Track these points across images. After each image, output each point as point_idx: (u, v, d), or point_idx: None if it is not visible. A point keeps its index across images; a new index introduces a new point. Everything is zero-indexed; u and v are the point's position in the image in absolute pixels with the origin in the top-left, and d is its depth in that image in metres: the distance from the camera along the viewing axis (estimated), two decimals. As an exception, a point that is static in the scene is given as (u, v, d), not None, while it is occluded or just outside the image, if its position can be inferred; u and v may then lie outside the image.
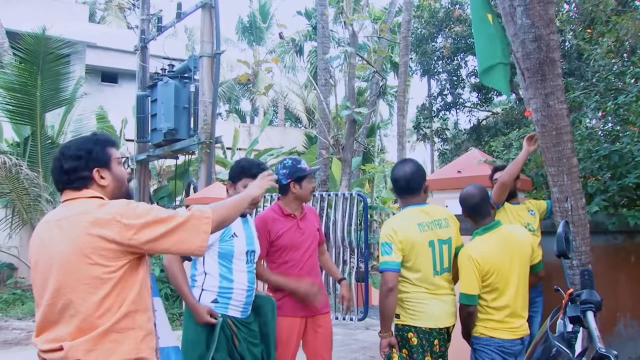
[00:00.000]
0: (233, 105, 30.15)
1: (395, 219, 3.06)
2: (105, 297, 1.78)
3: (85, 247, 1.78)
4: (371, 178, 19.05)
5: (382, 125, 25.93)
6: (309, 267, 3.35)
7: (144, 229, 1.82)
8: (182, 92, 9.23)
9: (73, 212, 1.85)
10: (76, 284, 1.77)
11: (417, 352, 2.90)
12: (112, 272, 1.80)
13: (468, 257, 2.95)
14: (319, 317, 3.38)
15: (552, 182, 3.52)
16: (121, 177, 2.02)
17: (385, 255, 2.90)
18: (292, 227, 3.34)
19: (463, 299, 2.96)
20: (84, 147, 1.95)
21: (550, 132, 3.43)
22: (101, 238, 1.78)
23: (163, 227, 1.84)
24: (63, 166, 1.93)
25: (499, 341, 2.91)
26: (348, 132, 11.29)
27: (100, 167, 1.96)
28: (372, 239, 14.07)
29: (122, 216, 1.80)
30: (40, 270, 1.87)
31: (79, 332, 1.76)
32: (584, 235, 3.45)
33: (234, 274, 2.89)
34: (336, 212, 7.14)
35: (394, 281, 2.87)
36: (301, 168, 3.36)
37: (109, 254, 1.80)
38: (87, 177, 1.94)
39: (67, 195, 1.94)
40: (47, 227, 1.89)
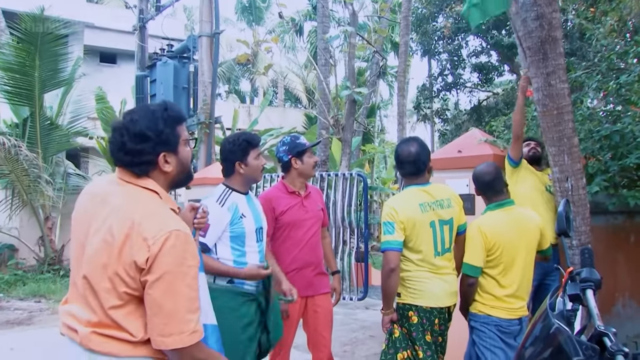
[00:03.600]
0: (232, 86, 29.96)
1: (396, 198, 3.05)
2: (132, 312, 1.63)
3: (118, 257, 1.60)
4: (371, 158, 18.99)
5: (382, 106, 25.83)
6: (311, 246, 3.36)
7: (155, 283, 1.59)
8: (181, 72, 9.18)
9: (123, 206, 1.67)
10: (103, 282, 1.62)
11: (416, 330, 2.92)
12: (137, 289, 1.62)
13: (477, 229, 2.98)
14: (319, 296, 3.40)
15: (553, 161, 3.51)
16: (186, 161, 1.82)
17: (388, 235, 2.89)
18: (296, 204, 3.34)
19: (466, 269, 2.97)
20: (154, 128, 1.71)
21: (551, 112, 3.41)
22: (133, 257, 1.60)
23: (169, 301, 1.58)
24: (126, 144, 1.70)
25: (496, 320, 2.93)
26: (348, 113, 11.23)
27: (168, 151, 1.75)
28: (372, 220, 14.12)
29: (151, 263, 1.58)
30: (78, 241, 1.74)
31: (98, 324, 1.64)
32: (584, 215, 3.46)
33: (247, 256, 2.87)
34: (336, 193, 7.15)
35: (396, 261, 2.87)
36: (300, 143, 3.35)
37: (134, 274, 1.61)
38: (151, 162, 1.73)
39: (123, 175, 1.75)
40: (95, 202, 1.73)
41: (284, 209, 3.29)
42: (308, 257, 3.33)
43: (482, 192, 3.15)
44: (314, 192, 3.53)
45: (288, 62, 27.22)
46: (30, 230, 10.54)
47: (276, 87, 27.94)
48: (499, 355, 2.89)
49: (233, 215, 2.82)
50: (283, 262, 3.29)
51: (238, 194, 2.93)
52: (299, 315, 3.36)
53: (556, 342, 1.93)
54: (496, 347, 2.91)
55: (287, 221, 3.29)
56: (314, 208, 3.44)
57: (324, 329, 3.40)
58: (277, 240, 3.32)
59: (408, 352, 2.92)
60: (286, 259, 3.30)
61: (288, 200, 3.33)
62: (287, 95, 28.61)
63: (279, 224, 3.30)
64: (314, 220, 3.40)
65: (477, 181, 3.14)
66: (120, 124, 1.74)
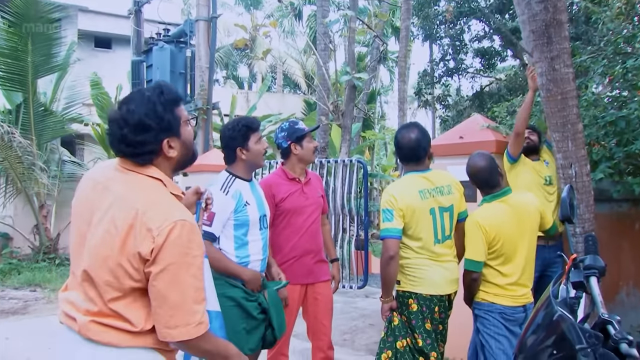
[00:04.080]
0: (230, 72, 29.82)
1: (396, 185, 3.04)
2: (133, 303, 1.62)
3: (122, 248, 1.59)
4: (371, 145, 18.98)
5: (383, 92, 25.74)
6: (311, 234, 3.36)
7: (159, 275, 1.57)
8: (178, 57, 9.10)
9: (126, 195, 1.64)
10: (105, 275, 1.60)
11: (416, 318, 2.92)
12: (136, 281, 1.61)
13: (475, 224, 2.96)
14: (319, 284, 3.41)
15: (557, 148, 3.50)
16: (190, 143, 1.78)
17: (387, 222, 2.89)
18: (296, 191, 3.33)
19: (468, 265, 2.97)
20: (153, 114, 1.66)
21: (555, 97, 3.39)
22: (137, 248, 1.58)
23: (162, 295, 1.58)
24: (126, 136, 1.65)
25: (500, 307, 2.94)
26: (348, 98, 11.17)
27: (171, 136, 1.71)
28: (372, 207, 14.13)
29: (156, 254, 1.56)
30: (78, 230, 1.71)
31: (97, 313, 1.62)
32: (588, 203, 3.45)
33: (249, 246, 2.88)
34: (336, 179, 7.14)
35: (396, 248, 2.87)
36: (299, 128, 3.35)
37: (138, 265, 1.60)
38: (155, 150, 1.69)
39: (126, 164, 1.71)
40: (97, 189, 1.70)
41: (284, 195, 3.28)
42: (308, 245, 3.33)
43: (478, 187, 3.15)
44: (314, 179, 3.53)
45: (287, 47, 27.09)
46: (24, 219, 10.52)
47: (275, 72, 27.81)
48: (503, 343, 2.90)
49: (237, 203, 2.82)
50: (283, 250, 3.30)
51: (241, 181, 2.93)
52: (299, 303, 3.37)
53: (559, 329, 1.93)
54: (500, 334, 2.92)
55: (288, 208, 3.29)
56: (314, 195, 3.43)
57: (324, 317, 3.41)
58: (277, 228, 3.32)
59: (407, 340, 2.93)
60: (286, 247, 3.30)
61: (288, 186, 3.32)
62: (285, 80, 28.48)
63: (279, 210, 3.29)
64: (315, 207, 3.40)
65: (473, 177, 3.12)
66: (118, 115, 1.69)
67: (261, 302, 2.88)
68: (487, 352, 2.94)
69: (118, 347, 1.62)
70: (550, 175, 4.01)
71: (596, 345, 1.76)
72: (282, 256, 3.30)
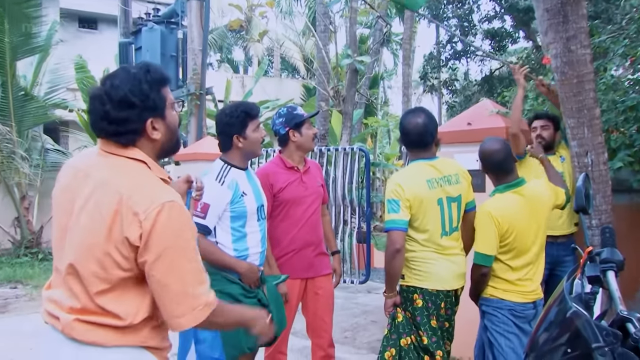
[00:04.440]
0: (225, 55, 29.69)
1: (402, 174, 3.02)
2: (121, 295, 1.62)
3: (108, 236, 1.58)
4: (374, 132, 18.94)
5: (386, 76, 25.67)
6: (311, 225, 3.35)
7: (155, 264, 1.58)
8: (169, 39, 9.06)
9: (109, 180, 1.64)
10: (91, 265, 1.60)
11: (421, 314, 2.92)
12: (126, 271, 1.61)
13: (488, 215, 2.93)
14: (320, 278, 3.41)
15: (571, 135, 3.48)
16: (175, 127, 1.79)
17: (392, 213, 2.86)
18: (295, 180, 3.33)
19: (479, 258, 2.95)
20: (138, 92, 1.67)
21: (571, 80, 3.37)
22: (124, 234, 1.58)
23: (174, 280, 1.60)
24: (109, 113, 1.65)
25: (510, 304, 2.94)
26: (349, 83, 11.17)
27: (155, 117, 1.71)
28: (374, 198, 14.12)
29: (146, 240, 1.57)
30: (59, 223, 1.71)
31: (81, 310, 1.61)
32: (605, 193, 3.43)
33: (247, 238, 2.87)
34: (336, 169, 7.12)
35: (402, 241, 2.86)
36: (298, 114, 3.34)
37: (128, 253, 1.60)
38: (138, 130, 1.69)
39: (107, 147, 1.71)
40: (78, 177, 1.70)
41: (283, 185, 3.28)
42: (308, 237, 3.33)
43: (491, 173, 3.10)
44: (313, 167, 3.52)
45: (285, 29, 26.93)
46: (4, 211, 10.45)
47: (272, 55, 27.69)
48: (513, 341, 2.90)
49: (234, 194, 2.81)
50: (281, 242, 3.30)
51: (237, 170, 2.91)
52: (298, 298, 3.37)
53: (573, 327, 1.92)
54: (510, 332, 2.92)
55: (286, 198, 3.28)
56: (314, 184, 3.43)
57: (324, 313, 3.42)
58: (275, 219, 3.31)
59: (412, 338, 2.92)
60: (285, 239, 3.30)
61: (287, 176, 3.31)
62: (283, 64, 28.38)
63: (277, 201, 3.29)
64: (314, 197, 3.40)
65: (485, 161, 3.08)
66: (100, 90, 1.69)
67: (260, 298, 2.88)
68: (497, 350, 2.93)
69: (104, 347, 1.61)
70: (563, 172, 3.97)
71: (614, 344, 1.74)
72: (281, 249, 3.29)
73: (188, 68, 8.85)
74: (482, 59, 14.43)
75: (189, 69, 8.81)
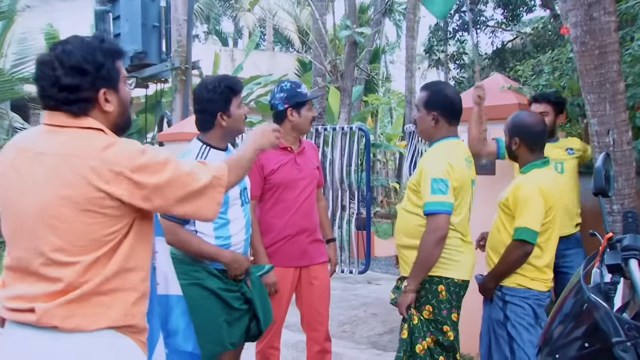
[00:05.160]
0: (212, 26, 29.56)
1: (446, 151, 2.98)
2: (97, 260, 1.69)
3: (84, 202, 1.65)
4: (374, 111, 18.89)
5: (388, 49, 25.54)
6: (305, 210, 3.34)
7: (158, 191, 1.72)
8: (151, 8, 8.98)
9: (66, 151, 1.68)
10: (64, 244, 1.66)
11: (445, 308, 2.89)
12: (113, 233, 1.71)
13: (537, 188, 2.92)
14: (315, 267, 3.40)
15: (591, 112, 3.45)
16: (127, 103, 1.87)
17: (440, 195, 2.83)
18: (288, 162, 3.31)
19: (526, 234, 2.89)
20: (92, 60, 1.73)
21: (592, 52, 3.32)
22: (105, 194, 1.66)
23: (180, 190, 1.76)
24: (60, 79, 1.70)
25: (537, 294, 2.94)
26: (348, 57, 11.11)
27: (109, 87, 1.78)
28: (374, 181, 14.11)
29: (133, 171, 1.68)
30: (11, 210, 1.74)
31: (56, 292, 1.66)
32: (628, 176, 3.41)
33: (230, 225, 2.85)
34: (334, 150, 7.10)
35: (447, 227, 2.85)
36: (301, 93, 3.31)
37: (114, 212, 1.69)
38: (90, 99, 1.74)
39: (57, 119, 1.73)
40: (24, 158, 1.72)
41: (275, 167, 3.26)
42: (302, 222, 3.32)
43: (529, 147, 3.05)
44: (309, 148, 3.51)
45: (278, -3, 26.78)
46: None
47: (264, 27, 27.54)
48: (533, 334, 2.89)
49: None
50: (273, 229, 3.29)
51: (217, 151, 2.86)
52: (292, 289, 3.36)
53: (591, 319, 1.90)
54: (532, 325, 2.92)
55: (278, 181, 3.27)
56: (309, 166, 3.41)
57: (320, 305, 3.41)
58: (267, 204, 3.30)
59: (430, 340, 2.89)
60: (277, 225, 3.29)
61: (279, 157, 3.30)
62: (276, 36, 28.27)
63: (268, 184, 3.27)
64: (309, 180, 3.39)
65: (527, 133, 3.05)
66: (51, 56, 1.73)
67: (244, 292, 2.87)
68: (517, 344, 2.90)
69: (83, 332, 1.66)
70: (564, 162, 3.83)
71: (637, 338, 1.73)
72: (273, 237, 3.28)
73: (172, 40, 8.80)
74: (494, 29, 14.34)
75: (173, 40, 8.75)
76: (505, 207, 3.01)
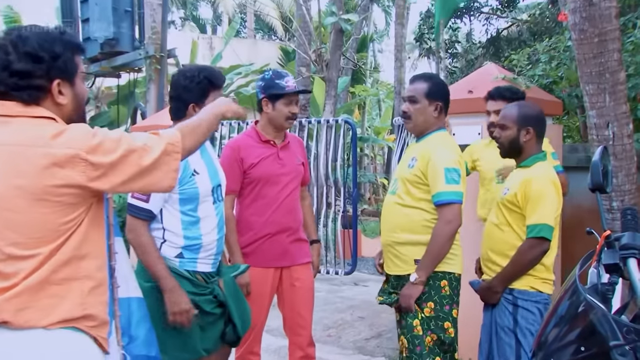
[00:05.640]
0: (190, 11, 29.44)
1: (450, 141, 3.12)
2: (53, 251, 1.71)
3: (39, 191, 1.67)
4: (362, 103, 18.93)
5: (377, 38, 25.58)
6: (287, 207, 3.33)
7: (114, 169, 1.74)
8: (123, -10, 8.88)
9: (17, 140, 1.70)
10: (20, 237, 1.68)
11: (447, 303, 2.95)
12: (70, 221, 1.73)
13: (551, 183, 2.93)
14: (297, 267, 3.39)
15: (590, 103, 3.47)
16: (82, 98, 1.90)
17: (454, 184, 2.89)
18: (270, 156, 3.31)
19: (544, 230, 2.86)
20: (49, 48, 1.76)
21: (591, 39, 3.34)
22: (61, 180, 1.68)
23: (136, 166, 1.78)
24: (12, 64, 1.73)
25: (546, 297, 2.92)
26: (334, 46, 11.10)
27: (64, 79, 1.80)
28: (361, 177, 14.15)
29: (88, 152, 1.70)
30: None
31: (10, 287, 1.67)
32: (629, 171, 3.44)
33: (201, 224, 2.82)
34: (319, 144, 7.09)
35: (462, 218, 2.92)
36: (279, 84, 3.28)
37: (70, 199, 1.71)
38: (42, 87, 1.76)
39: (8, 109, 1.75)
40: None
41: (255, 161, 3.26)
42: (284, 220, 3.31)
43: (540, 138, 3.06)
44: (294, 143, 3.51)
45: (259, -19, 26.70)
46: None
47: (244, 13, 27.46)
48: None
49: (183, 173, 2.72)
50: (252, 227, 3.28)
51: None
52: (272, 290, 3.35)
53: (588, 322, 1.91)
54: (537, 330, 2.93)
55: (258, 176, 3.26)
56: (293, 161, 3.41)
57: (303, 308, 3.40)
58: (246, 199, 3.30)
59: (430, 338, 2.93)
60: (256, 223, 3.28)
61: (260, 150, 3.30)
62: (258, 23, 28.20)
63: (248, 178, 3.27)
64: (292, 176, 3.38)
65: (541, 122, 3.05)
66: (5, 40, 1.76)
67: (217, 294, 2.84)
68: (525, 352, 2.87)
69: (35, 328, 1.67)
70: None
71: (636, 342, 1.73)
72: (252, 235, 3.28)
73: (146, 26, 8.71)
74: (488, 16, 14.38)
75: (147, 27, 8.66)
76: (510, 204, 2.96)
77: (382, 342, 5.16)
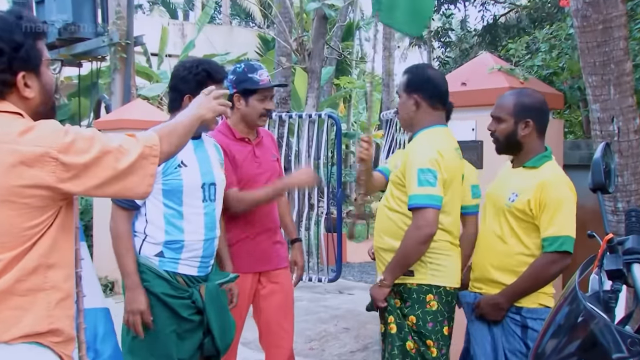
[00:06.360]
0: (159, -5, 29.32)
1: (434, 138, 2.96)
2: (17, 258, 1.70)
3: (3, 192, 1.66)
4: (347, 96, 18.97)
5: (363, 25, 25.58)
6: (265, 208, 3.35)
7: (88, 170, 1.73)
8: (83, -31, 8.82)
9: None
10: None
11: (434, 320, 2.89)
12: (37, 225, 1.72)
13: (570, 188, 2.86)
14: (277, 272, 3.41)
15: (593, 96, 3.49)
16: (50, 88, 1.89)
17: (427, 187, 2.79)
18: (248, 154, 3.33)
19: (568, 244, 2.78)
20: (9, 38, 1.74)
21: (595, 26, 3.35)
22: (29, 180, 1.67)
23: (111, 169, 1.77)
24: None
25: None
26: (317, 33, 11.10)
27: (28, 70, 1.79)
28: (346, 176, 14.16)
29: (59, 151, 1.69)
30: None
31: None
32: (635, 169, 3.45)
33: (184, 219, 2.87)
34: (300, 140, 7.10)
35: (436, 224, 2.81)
36: (252, 78, 3.29)
37: (38, 201, 1.70)
38: (7, 82, 1.77)
39: None
40: None
41: (240, 161, 3.29)
42: (262, 222, 3.34)
43: (541, 132, 2.98)
44: (267, 138, 3.53)
45: (235, -37, 26.69)
46: None
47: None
48: None
49: (168, 163, 2.78)
50: (230, 230, 3.29)
51: None
52: (249, 298, 3.35)
53: (589, 333, 1.92)
54: None
55: (239, 177, 3.28)
56: (268, 159, 3.44)
57: (282, 318, 3.41)
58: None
59: (414, 345, 2.91)
60: (236, 225, 3.30)
61: (237, 148, 3.31)
62: (234, 9, 28.17)
63: None
64: (269, 175, 3.40)
65: (542, 113, 2.97)
66: None
67: (195, 299, 2.86)
68: None
69: None
70: None
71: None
72: (229, 238, 3.28)
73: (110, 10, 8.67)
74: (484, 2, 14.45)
75: (111, 11, 8.62)
76: (520, 212, 2.86)
77: (369, 355, 5.17)
